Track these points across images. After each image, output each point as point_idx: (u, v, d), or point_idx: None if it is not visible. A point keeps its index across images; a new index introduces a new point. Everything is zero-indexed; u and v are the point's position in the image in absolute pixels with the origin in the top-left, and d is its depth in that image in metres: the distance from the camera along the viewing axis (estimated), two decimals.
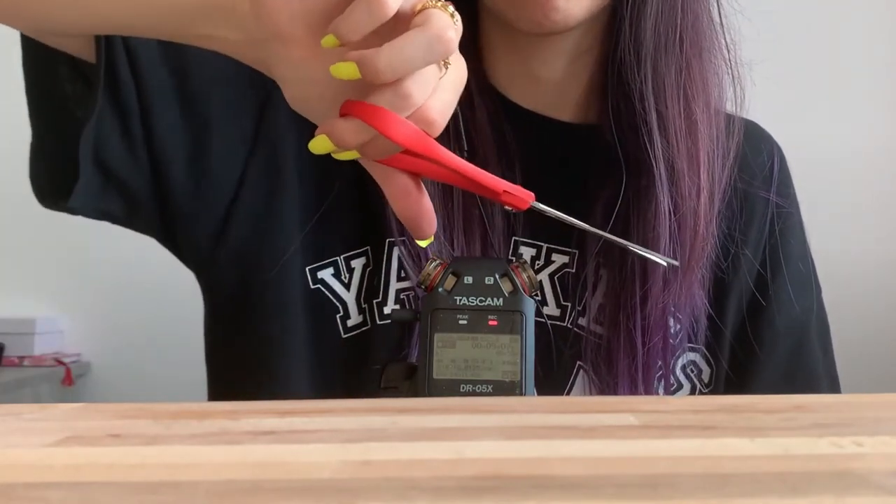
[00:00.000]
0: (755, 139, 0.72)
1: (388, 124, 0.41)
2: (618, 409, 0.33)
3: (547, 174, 0.66)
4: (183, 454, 0.26)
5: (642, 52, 0.61)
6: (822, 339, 0.71)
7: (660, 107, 0.61)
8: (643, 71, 0.61)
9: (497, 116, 0.66)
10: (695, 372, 0.67)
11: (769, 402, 0.35)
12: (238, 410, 0.34)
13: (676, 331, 0.66)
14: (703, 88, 0.63)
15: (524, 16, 0.59)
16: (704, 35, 0.63)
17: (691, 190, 0.61)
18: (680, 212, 0.61)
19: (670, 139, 0.61)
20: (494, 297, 0.47)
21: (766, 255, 0.69)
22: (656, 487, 0.22)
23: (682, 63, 0.62)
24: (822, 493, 0.21)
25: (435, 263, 0.49)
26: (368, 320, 0.64)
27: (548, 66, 0.66)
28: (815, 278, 0.72)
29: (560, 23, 0.59)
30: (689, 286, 0.62)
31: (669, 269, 0.61)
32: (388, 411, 0.34)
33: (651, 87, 0.61)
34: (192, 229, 0.65)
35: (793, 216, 0.71)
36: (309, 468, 0.24)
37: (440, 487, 0.22)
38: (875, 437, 0.27)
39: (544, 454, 0.25)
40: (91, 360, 1.88)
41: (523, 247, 0.65)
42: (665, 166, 0.61)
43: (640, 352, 0.61)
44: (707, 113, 0.63)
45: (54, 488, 0.23)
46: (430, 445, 0.27)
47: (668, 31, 0.61)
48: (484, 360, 0.47)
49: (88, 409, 0.36)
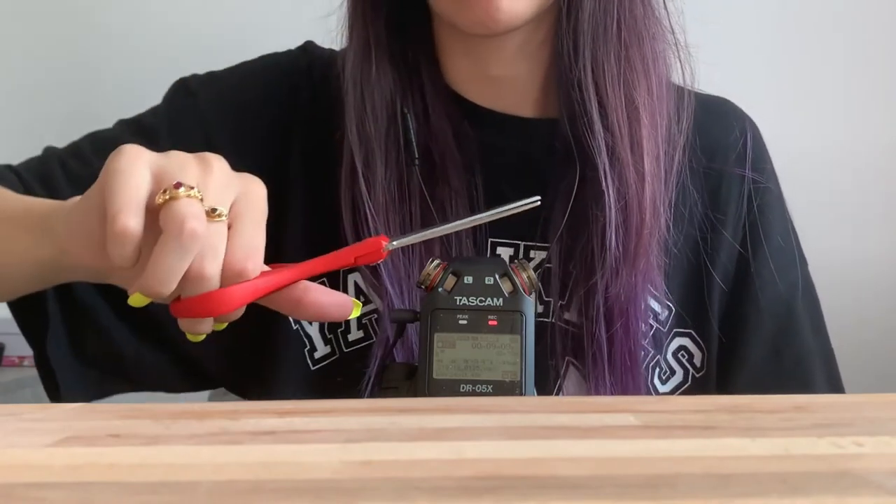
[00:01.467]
0: (726, 117, 0.71)
1: (208, 309, 0.43)
2: (618, 409, 0.33)
3: (508, 172, 0.66)
4: (183, 454, 0.26)
5: (580, 42, 0.61)
6: (811, 314, 0.70)
7: (601, 96, 0.61)
8: (581, 61, 0.61)
9: (456, 119, 0.66)
10: (686, 357, 0.67)
11: (770, 402, 0.35)
12: (238, 410, 0.34)
13: (665, 317, 0.66)
14: (644, 76, 0.62)
15: (469, 18, 0.59)
16: (643, 21, 0.63)
17: (635, 178, 0.61)
18: (625, 201, 0.61)
19: (612, 129, 0.61)
20: (494, 297, 0.47)
21: (745, 233, 0.68)
22: (656, 487, 0.22)
23: (621, 51, 0.62)
24: (822, 493, 0.21)
25: (435, 263, 0.49)
26: (336, 349, 0.65)
27: (503, 64, 0.66)
28: (800, 252, 0.71)
29: (505, 23, 0.59)
30: (644, 272, 0.62)
31: (610, 257, 0.60)
32: (388, 411, 0.34)
33: (591, 77, 0.61)
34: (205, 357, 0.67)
35: (771, 191, 0.70)
36: (309, 468, 0.24)
37: (440, 487, 0.22)
38: (875, 437, 0.27)
39: (544, 454, 0.25)
40: None
41: (500, 247, 0.65)
42: (608, 155, 0.61)
43: (604, 341, 0.61)
44: (650, 100, 0.62)
45: (54, 488, 0.22)
46: (430, 445, 0.27)
47: (605, 19, 0.61)
48: (484, 360, 0.47)
49: (88, 409, 0.36)
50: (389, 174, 0.63)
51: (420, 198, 0.63)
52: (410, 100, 0.65)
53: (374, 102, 0.64)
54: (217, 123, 0.68)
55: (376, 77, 0.64)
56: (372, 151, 0.63)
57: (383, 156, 0.63)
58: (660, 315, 0.66)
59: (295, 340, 0.65)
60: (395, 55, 0.66)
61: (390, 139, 0.64)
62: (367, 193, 0.62)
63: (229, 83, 0.70)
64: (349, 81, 0.65)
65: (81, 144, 0.67)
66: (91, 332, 0.63)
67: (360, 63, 0.65)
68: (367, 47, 0.65)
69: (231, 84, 0.70)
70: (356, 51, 0.65)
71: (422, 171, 0.64)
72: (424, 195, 0.63)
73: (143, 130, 0.67)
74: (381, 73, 0.64)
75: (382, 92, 0.64)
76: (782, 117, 1.19)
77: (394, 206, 0.63)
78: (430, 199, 0.63)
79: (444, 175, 0.64)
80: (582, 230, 0.62)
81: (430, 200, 0.63)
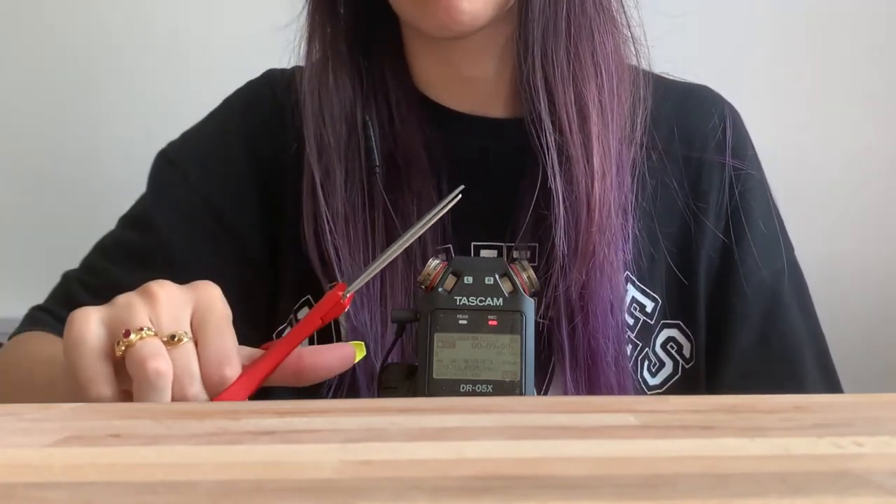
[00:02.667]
0: (705, 104, 0.70)
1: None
2: (618, 409, 0.33)
3: (476, 173, 0.65)
4: (183, 454, 0.26)
5: (529, 39, 0.61)
6: (799, 298, 0.69)
7: (550, 93, 0.61)
8: (530, 58, 0.61)
9: (424, 122, 0.66)
10: (675, 348, 0.67)
11: (769, 402, 0.35)
12: (238, 410, 0.34)
13: (652, 309, 0.66)
14: (594, 72, 0.62)
15: (431, 21, 0.59)
16: (596, 17, 0.62)
17: (585, 175, 0.61)
18: (572, 197, 0.60)
19: (561, 126, 0.61)
20: (494, 297, 0.47)
21: (728, 221, 0.67)
22: (656, 487, 0.22)
23: (571, 48, 0.61)
24: (822, 493, 0.21)
25: (435, 263, 0.49)
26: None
27: (470, 65, 0.66)
28: (785, 237, 0.70)
29: (466, 24, 0.58)
30: (600, 269, 0.61)
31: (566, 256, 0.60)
32: (388, 411, 0.34)
33: (539, 74, 0.61)
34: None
35: (752, 177, 0.69)
36: (309, 468, 0.24)
37: (440, 487, 0.22)
38: (875, 437, 0.27)
39: (544, 454, 0.25)
40: None
41: (484, 251, 0.65)
42: (557, 153, 0.60)
43: (565, 337, 0.61)
44: (601, 97, 0.62)
45: (54, 488, 0.22)
46: (430, 445, 0.27)
47: (555, 15, 0.61)
48: (484, 360, 0.47)
49: (88, 409, 0.36)
50: (350, 184, 0.63)
51: (383, 206, 0.63)
52: (374, 107, 0.65)
53: (332, 112, 0.64)
54: (204, 181, 0.68)
55: (334, 86, 0.64)
56: (331, 162, 0.63)
57: (343, 166, 0.63)
58: (646, 307, 0.66)
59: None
60: (356, 63, 0.66)
61: (350, 149, 0.64)
62: (325, 205, 0.62)
63: (203, 137, 0.71)
64: (306, 93, 0.65)
65: (93, 259, 0.69)
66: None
67: (318, 73, 0.65)
68: (325, 57, 0.65)
69: (204, 137, 0.71)
70: (314, 62, 0.65)
71: (385, 178, 0.64)
72: (387, 203, 0.63)
73: (140, 222, 0.68)
74: (339, 82, 0.65)
75: (342, 101, 0.64)
76: (783, 117, 1.19)
77: (354, 216, 0.63)
78: (392, 206, 0.63)
79: (408, 181, 0.64)
80: (545, 229, 0.62)
81: (392, 208, 0.63)
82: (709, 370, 0.67)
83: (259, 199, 0.68)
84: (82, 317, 0.44)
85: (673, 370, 0.67)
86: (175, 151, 0.71)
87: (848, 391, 0.71)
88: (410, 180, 0.64)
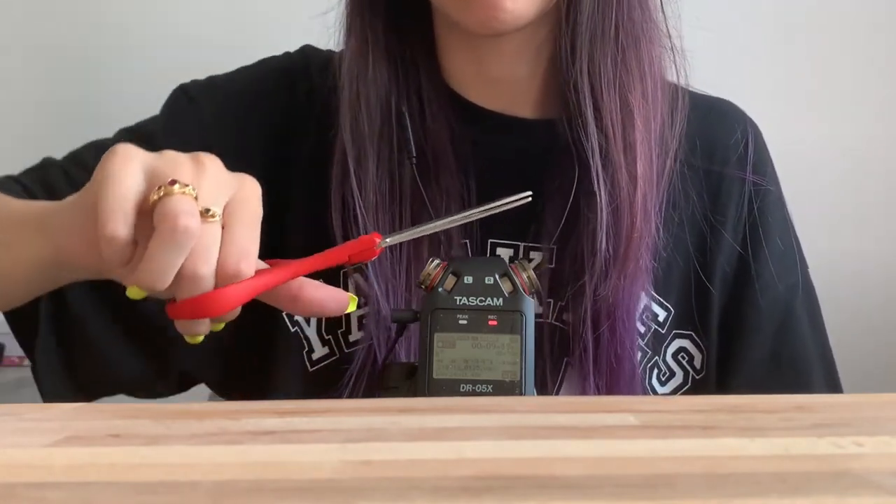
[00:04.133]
0: (727, 119, 0.71)
1: (204, 310, 0.43)
2: (618, 409, 0.33)
3: (503, 172, 0.66)
4: (183, 454, 0.26)
5: (578, 44, 0.61)
6: (810, 315, 0.70)
7: (596, 99, 0.61)
8: (578, 63, 0.61)
9: (453, 119, 0.66)
10: (686, 358, 0.67)
11: (769, 402, 0.35)
12: (238, 410, 0.34)
13: (664, 319, 0.66)
14: (640, 79, 0.62)
15: (472, 18, 0.59)
16: (642, 25, 0.63)
17: (628, 182, 0.61)
18: (615, 204, 0.61)
19: (606, 131, 0.61)
20: (494, 297, 0.47)
21: (746, 235, 0.68)
22: (656, 487, 0.22)
23: (619, 54, 0.61)
24: (822, 493, 0.21)
25: (435, 263, 0.49)
26: (336, 350, 0.65)
27: (503, 65, 0.66)
28: (800, 254, 0.71)
29: (508, 23, 0.59)
30: (631, 276, 0.62)
31: (607, 260, 0.61)
32: (388, 411, 0.34)
33: (587, 80, 0.61)
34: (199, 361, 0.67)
35: (771, 193, 0.70)
36: (309, 468, 0.24)
37: (440, 487, 0.22)
38: (875, 437, 0.27)
39: (544, 454, 0.25)
40: None
41: (500, 248, 0.65)
42: (601, 158, 0.61)
43: (590, 342, 0.61)
44: (644, 104, 0.62)
45: (54, 488, 0.22)
46: (430, 445, 0.27)
47: (603, 21, 0.61)
48: (484, 360, 0.47)
49: (88, 409, 0.36)
50: (381, 173, 0.63)
51: (411, 198, 0.63)
52: (406, 99, 0.65)
53: (369, 101, 0.64)
54: (218, 129, 0.67)
55: (372, 75, 0.64)
56: (364, 150, 0.63)
57: (375, 155, 0.63)
58: (658, 316, 0.66)
59: (294, 342, 0.65)
60: (393, 53, 0.65)
61: (383, 138, 0.64)
62: (358, 192, 0.62)
63: (229, 88, 0.70)
64: (345, 79, 0.64)
65: (82, 153, 0.67)
66: (80, 342, 0.63)
67: (357, 61, 0.65)
68: (365, 45, 0.65)
69: (231, 89, 0.70)
70: (353, 49, 0.65)
71: (415, 171, 0.64)
72: (416, 195, 0.63)
73: (143, 137, 0.67)
74: (377, 71, 0.64)
75: (378, 90, 0.64)
76: (783, 117, 1.19)
77: (384, 205, 0.63)
78: (421, 199, 0.63)
79: (436, 175, 0.64)
80: (574, 232, 0.62)
81: (421, 201, 0.63)
82: (718, 381, 0.67)
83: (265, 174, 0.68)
84: (126, 151, 0.43)
85: (683, 380, 0.67)
86: (197, 90, 0.70)
87: (848, 391, 0.71)
88: (439, 175, 0.64)
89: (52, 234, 0.48)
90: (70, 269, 0.50)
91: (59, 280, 0.54)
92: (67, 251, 0.47)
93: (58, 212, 0.48)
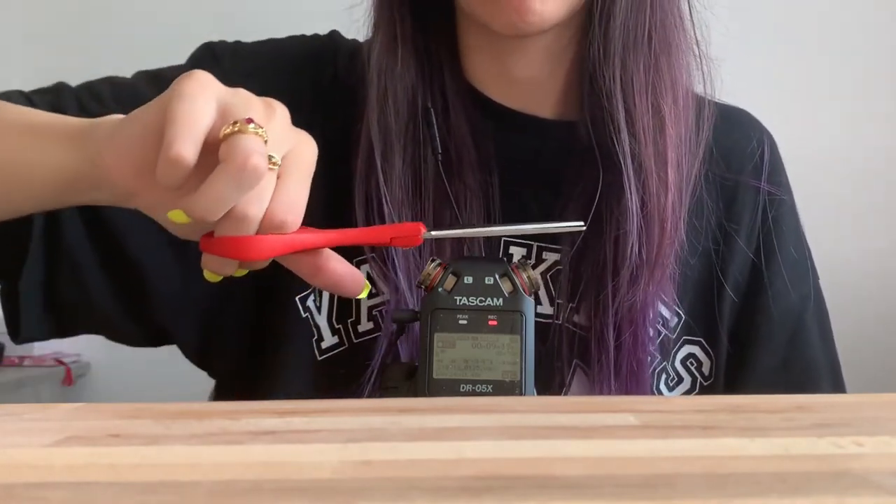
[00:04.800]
0: (743, 127, 0.71)
1: (241, 252, 0.43)
2: (618, 409, 0.33)
3: (524, 170, 0.66)
4: (183, 454, 0.26)
5: (611, 49, 0.61)
6: (820, 325, 0.70)
7: (628, 104, 0.61)
8: (611, 68, 0.61)
9: (474, 116, 0.66)
10: (695, 365, 0.67)
11: (770, 402, 0.35)
12: (238, 410, 0.34)
13: (675, 325, 0.66)
14: (671, 85, 0.63)
15: (500, 19, 0.59)
16: (673, 32, 0.63)
17: (659, 188, 0.61)
18: (647, 209, 0.61)
19: (638, 136, 0.61)
20: (494, 297, 0.47)
21: (759, 244, 0.68)
22: (656, 487, 0.22)
23: (651, 60, 0.62)
24: (822, 493, 0.21)
25: (435, 263, 0.49)
26: (345, 340, 0.65)
27: (525, 65, 0.66)
28: (812, 265, 0.71)
29: (536, 24, 0.59)
30: (658, 282, 0.62)
31: (630, 266, 0.61)
32: (388, 411, 0.34)
33: (619, 85, 0.61)
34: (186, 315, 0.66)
35: (785, 203, 0.70)
36: (309, 468, 0.24)
37: (440, 487, 0.22)
38: (875, 437, 0.27)
39: (544, 454, 0.25)
40: (91, 360, 1.88)
41: (514, 247, 0.65)
42: (633, 164, 0.61)
43: (612, 347, 0.61)
44: (675, 110, 0.63)
45: (54, 488, 0.22)
46: (430, 445, 0.27)
47: (636, 28, 0.61)
48: (484, 360, 0.47)
49: (88, 409, 0.36)
50: (405, 169, 0.63)
51: (434, 193, 0.63)
52: (431, 95, 0.65)
53: (396, 96, 0.64)
54: None
55: (400, 71, 0.64)
56: (391, 145, 0.63)
57: (402, 150, 0.63)
58: (669, 322, 0.66)
59: (304, 328, 0.64)
60: (420, 50, 0.66)
61: (409, 134, 0.64)
62: (384, 186, 0.62)
63: (255, 55, 0.70)
64: (374, 72, 0.64)
65: (98, 85, 0.66)
66: (68, 275, 0.61)
67: (385, 56, 0.64)
68: (394, 41, 0.65)
69: (257, 56, 0.70)
70: (382, 43, 0.65)
71: (441, 166, 0.64)
72: (439, 191, 0.63)
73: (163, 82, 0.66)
74: (405, 67, 0.64)
75: (405, 86, 0.64)
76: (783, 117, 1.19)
77: (408, 201, 0.63)
78: (444, 195, 0.63)
79: (459, 171, 0.64)
80: (597, 235, 0.62)
81: (444, 196, 0.63)
82: (726, 388, 0.67)
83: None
84: (205, 78, 0.43)
85: (691, 386, 0.67)
86: (222, 51, 0.69)
87: (848, 391, 0.71)
88: (462, 171, 0.64)
89: (91, 147, 0.46)
90: (96, 188, 0.48)
91: (72, 198, 0.51)
92: (106, 167, 0.45)
93: (102, 126, 0.47)
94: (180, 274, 0.63)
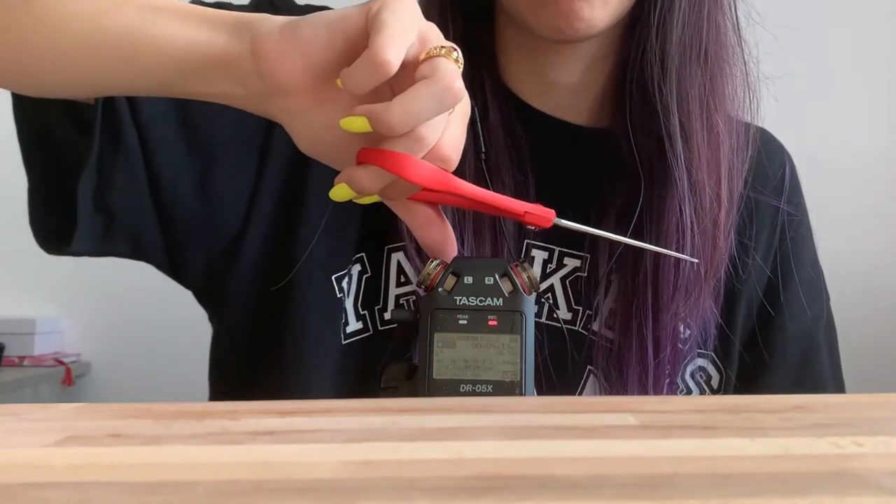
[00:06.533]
0: (766, 147, 0.72)
1: (407, 168, 0.43)
2: (618, 409, 0.33)
3: (558, 175, 0.66)
4: (183, 454, 0.26)
5: (668, 62, 0.61)
6: (829, 345, 0.71)
7: (682, 118, 0.61)
8: (669, 82, 0.61)
9: (510, 118, 0.66)
10: (704, 378, 0.67)
11: (770, 402, 0.35)
12: (238, 410, 0.34)
13: (686, 336, 0.66)
14: (724, 100, 0.63)
15: (547, 23, 0.59)
16: (727, 47, 0.64)
17: (712, 202, 0.62)
18: (701, 224, 0.61)
19: (693, 150, 0.61)
20: (494, 297, 0.47)
21: (776, 263, 0.69)
22: (656, 487, 0.22)
23: (707, 75, 0.62)
24: (822, 493, 0.21)
25: (435, 263, 0.49)
26: (370, 326, 0.64)
27: (564, 71, 0.66)
28: (825, 286, 0.72)
29: (582, 31, 0.59)
30: (704, 296, 0.63)
31: (684, 278, 0.61)
32: (388, 411, 0.34)
33: (675, 99, 0.61)
34: (202, 253, 0.64)
35: (803, 224, 0.71)
36: (309, 468, 0.24)
37: (440, 487, 0.22)
38: (875, 437, 0.27)
39: (544, 454, 0.25)
40: (91, 360, 1.88)
41: (535, 250, 0.65)
42: (687, 177, 0.61)
43: (651, 360, 0.61)
44: (728, 124, 0.63)
45: (54, 488, 0.22)
46: (430, 445, 0.27)
47: (693, 42, 0.62)
48: (484, 360, 0.47)
49: (88, 409, 0.36)
50: None
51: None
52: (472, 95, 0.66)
53: None
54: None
55: None
56: None
57: None
58: (682, 335, 0.66)
59: (335, 308, 0.64)
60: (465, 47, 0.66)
61: None
62: None
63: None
64: None
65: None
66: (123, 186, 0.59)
67: None
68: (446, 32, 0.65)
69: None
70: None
71: (475, 167, 0.64)
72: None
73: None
74: None
75: None
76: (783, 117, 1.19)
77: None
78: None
79: (498, 171, 0.64)
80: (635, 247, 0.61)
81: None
82: None
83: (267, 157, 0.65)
84: (411, 2, 0.43)
85: None
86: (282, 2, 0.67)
87: (848, 391, 0.72)
88: (501, 171, 0.64)
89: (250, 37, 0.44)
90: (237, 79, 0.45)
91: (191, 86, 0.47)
92: (269, 60, 0.44)
93: (265, 21, 0.46)
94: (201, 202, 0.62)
